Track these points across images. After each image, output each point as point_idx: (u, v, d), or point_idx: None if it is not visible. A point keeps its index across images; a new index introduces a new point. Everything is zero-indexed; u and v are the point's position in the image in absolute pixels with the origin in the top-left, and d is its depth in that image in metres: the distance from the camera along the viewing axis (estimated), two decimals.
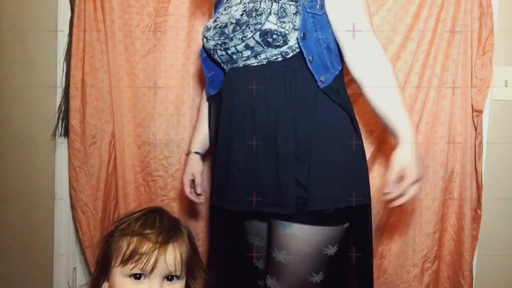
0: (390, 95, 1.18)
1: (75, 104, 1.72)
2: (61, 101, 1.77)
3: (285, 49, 1.17)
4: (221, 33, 1.24)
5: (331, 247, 1.18)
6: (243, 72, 1.22)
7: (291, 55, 1.18)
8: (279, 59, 1.18)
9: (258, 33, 1.15)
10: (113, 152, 1.76)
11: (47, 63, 1.79)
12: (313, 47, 1.17)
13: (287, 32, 1.15)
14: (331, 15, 1.19)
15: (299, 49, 1.17)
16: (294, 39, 1.16)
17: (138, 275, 0.87)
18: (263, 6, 1.17)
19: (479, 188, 1.62)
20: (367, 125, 1.62)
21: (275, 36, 1.15)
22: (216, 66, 1.36)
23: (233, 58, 1.24)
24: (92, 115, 1.74)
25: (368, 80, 1.19)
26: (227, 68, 1.29)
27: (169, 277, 0.89)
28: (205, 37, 1.31)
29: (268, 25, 1.15)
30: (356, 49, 1.19)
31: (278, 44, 1.16)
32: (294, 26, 1.15)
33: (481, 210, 1.63)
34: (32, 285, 1.83)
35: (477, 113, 1.60)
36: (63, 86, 1.76)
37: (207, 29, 1.31)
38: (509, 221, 1.69)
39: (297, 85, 1.17)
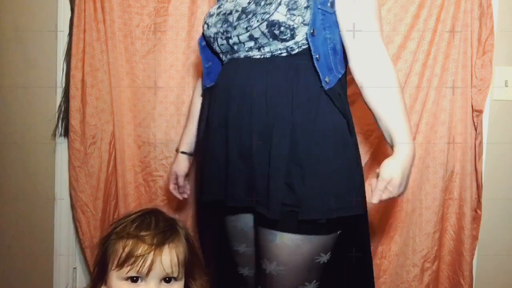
0: (391, 103, 1.12)
1: (75, 104, 1.72)
2: (61, 101, 1.77)
3: (291, 44, 1.12)
4: (224, 21, 1.17)
5: (323, 255, 1.12)
6: (244, 63, 1.16)
7: (296, 51, 1.12)
8: (283, 54, 1.13)
9: (265, 23, 1.09)
10: (113, 152, 1.76)
11: (47, 63, 1.78)
12: (320, 46, 1.11)
13: (295, 26, 1.09)
14: (339, 14, 1.14)
15: (306, 46, 1.11)
16: (302, 35, 1.11)
17: (134, 278, 0.86)
18: None
19: (479, 188, 1.62)
20: (368, 124, 1.62)
21: (282, 28, 1.09)
22: (214, 56, 1.29)
23: (234, 48, 1.17)
24: (92, 115, 1.74)
25: (369, 85, 1.13)
26: (226, 59, 1.23)
27: (167, 279, 0.88)
28: (206, 23, 1.24)
29: (276, 16, 1.08)
30: (361, 52, 1.14)
31: (284, 37, 1.10)
32: (303, 20, 1.10)
33: (481, 210, 1.63)
34: (32, 285, 1.83)
35: (477, 113, 1.60)
36: (63, 86, 1.76)
37: (209, 15, 1.24)
38: (509, 221, 1.69)
39: (299, 84, 1.11)
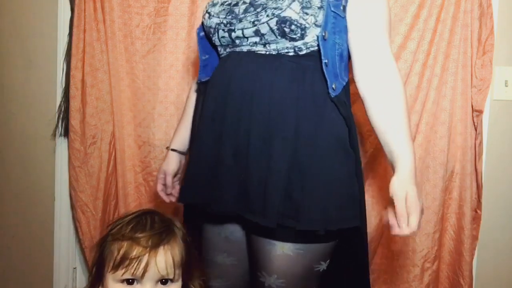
0: (394, 123, 1.04)
1: (75, 104, 1.72)
2: (61, 101, 1.77)
3: (299, 44, 1.05)
4: (229, 11, 1.09)
5: (323, 263, 1.08)
6: (247, 58, 1.08)
7: (304, 52, 1.06)
8: (290, 53, 1.06)
9: (275, 19, 1.02)
10: (113, 152, 1.76)
11: (47, 63, 1.78)
12: (329, 51, 1.05)
13: (307, 26, 1.03)
14: (350, 20, 1.08)
15: (314, 48, 1.06)
16: (312, 36, 1.05)
17: (130, 280, 0.85)
18: None
19: (479, 188, 1.62)
20: (368, 124, 1.61)
21: (293, 27, 1.02)
22: (212, 49, 1.22)
23: (236, 42, 1.10)
24: (92, 115, 1.74)
25: (373, 99, 1.07)
26: (225, 52, 1.14)
27: (163, 281, 0.87)
28: (207, 12, 1.15)
29: (289, 13, 1.01)
30: (368, 64, 1.07)
31: (294, 37, 1.04)
32: (315, 21, 1.04)
33: (481, 210, 1.63)
34: (32, 285, 1.82)
35: (477, 113, 1.60)
36: (63, 86, 1.76)
37: (212, 4, 1.15)
38: (509, 221, 1.69)
39: (306, 86, 1.05)
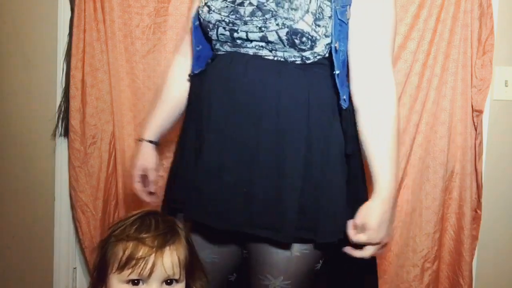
0: (382, 141, 1.02)
1: (75, 104, 1.72)
2: (61, 101, 1.77)
3: (308, 54, 1.02)
4: (233, 11, 1.01)
5: (320, 261, 1.07)
6: (253, 62, 1.01)
7: (311, 61, 1.03)
8: (297, 61, 1.02)
9: (286, 29, 0.97)
10: (113, 152, 1.76)
11: (47, 63, 1.78)
12: (339, 61, 1.02)
13: (318, 37, 0.99)
14: (352, 26, 1.03)
15: (320, 56, 1.03)
16: (321, 46, 1.01)
17: (136, 281, 0.85)
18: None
19: (479, 188, 1.62)
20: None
21: (304, 39, 0.98)
22: (206, 41, 1.13)
23: (236, 42, 1.04)
24: (92, 115, 1.74)
25: (364, 118, 1.04)
26: (222, 49, 1.07)
27: (168, 281, 0.86)
28: (207, 5, 1.06)
29: (301, 25, 0.97)
30: (364, 76, 1.04)
31: (303, 48, 1.00)
32: (326, 32, 1.00)
33: (481, 210, 1.63)
34: (32, 285, 1.82)
35: (477, 113, 1.60)
36: (63, 86, 1.76)
37: None
38: (509, 221, 1.69)
39: (314, 95, 1.01)
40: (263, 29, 0.99)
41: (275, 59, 1.02)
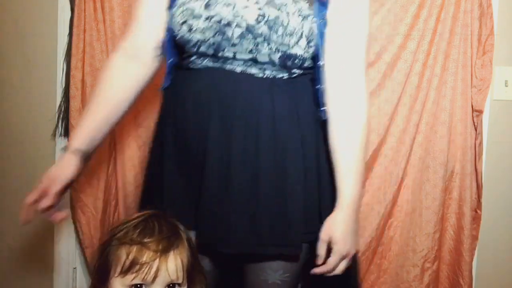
0: (349, 153, 1.01)
1: (75, 104, 1.71)
2: (61, 101, 1.76)
3: (296, 70, 1.02)
4: (218, 32, 0.95)
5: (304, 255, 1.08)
6: (243, 81, 0.98)
7: (296, 74, 1.03)
8: (285, 77, 1.02)
9: (280, 54, 0.96)
10: (113, 152, 1.76)
11: (47, 63, 1.78)
12: (323, 75, 1.02)
13: (308, 56, 1.00)
14: (328, 35, 1.01)
15: (305, 70, 1.03)
16: (307, 63, 1.02)
17: (139, 285, 0.84)
18: (293, 24, 0.94)
19: (479, 188, 1.62)
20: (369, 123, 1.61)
21: (297, 61, 0.98)
22: (176, 52, 1.05)
23: (218, 57, 0.98)
24: None
25: (333, 129, 1.03)
26: (200, 61, 1.00)
27: (171, 285, 0.86)
28: (186, 23, 0.97)
29: (296, 50, 0.96)
30: (335, 84, 1.02)
31: (294, 68, 1.01)
32: (314, 49, 1.00)
33: (481, 210, 1.63)
34: (32, 285, 1.82)
35: (477, 113, 1.60)
36: (63, 86, 1.76)
37: (193, 16, 0.96)
38: (509, 221, 1.69)
39: (300, 107, 1.02)
40: (254, 51, 0.96)
41: (264, 76, 0.99)
